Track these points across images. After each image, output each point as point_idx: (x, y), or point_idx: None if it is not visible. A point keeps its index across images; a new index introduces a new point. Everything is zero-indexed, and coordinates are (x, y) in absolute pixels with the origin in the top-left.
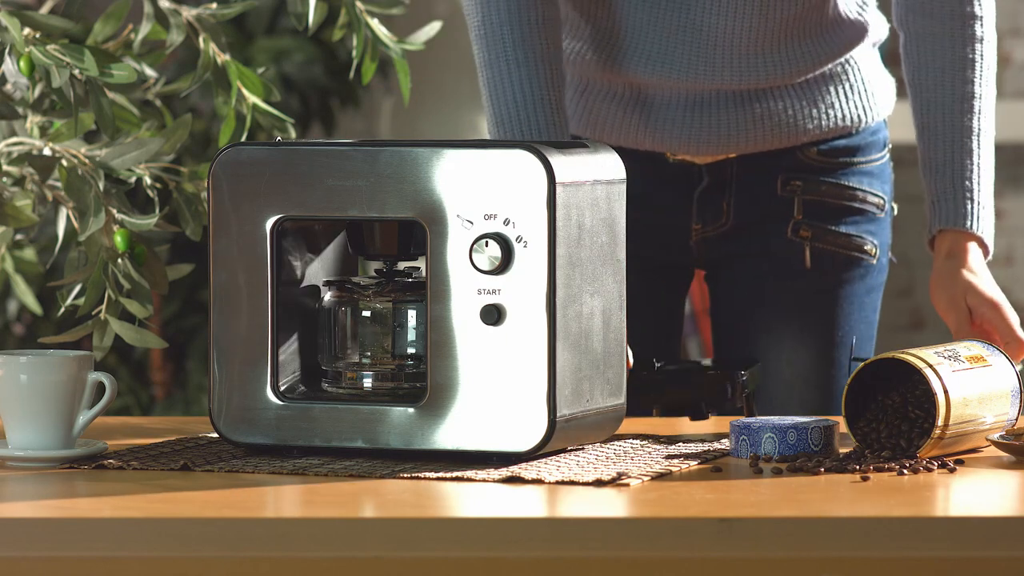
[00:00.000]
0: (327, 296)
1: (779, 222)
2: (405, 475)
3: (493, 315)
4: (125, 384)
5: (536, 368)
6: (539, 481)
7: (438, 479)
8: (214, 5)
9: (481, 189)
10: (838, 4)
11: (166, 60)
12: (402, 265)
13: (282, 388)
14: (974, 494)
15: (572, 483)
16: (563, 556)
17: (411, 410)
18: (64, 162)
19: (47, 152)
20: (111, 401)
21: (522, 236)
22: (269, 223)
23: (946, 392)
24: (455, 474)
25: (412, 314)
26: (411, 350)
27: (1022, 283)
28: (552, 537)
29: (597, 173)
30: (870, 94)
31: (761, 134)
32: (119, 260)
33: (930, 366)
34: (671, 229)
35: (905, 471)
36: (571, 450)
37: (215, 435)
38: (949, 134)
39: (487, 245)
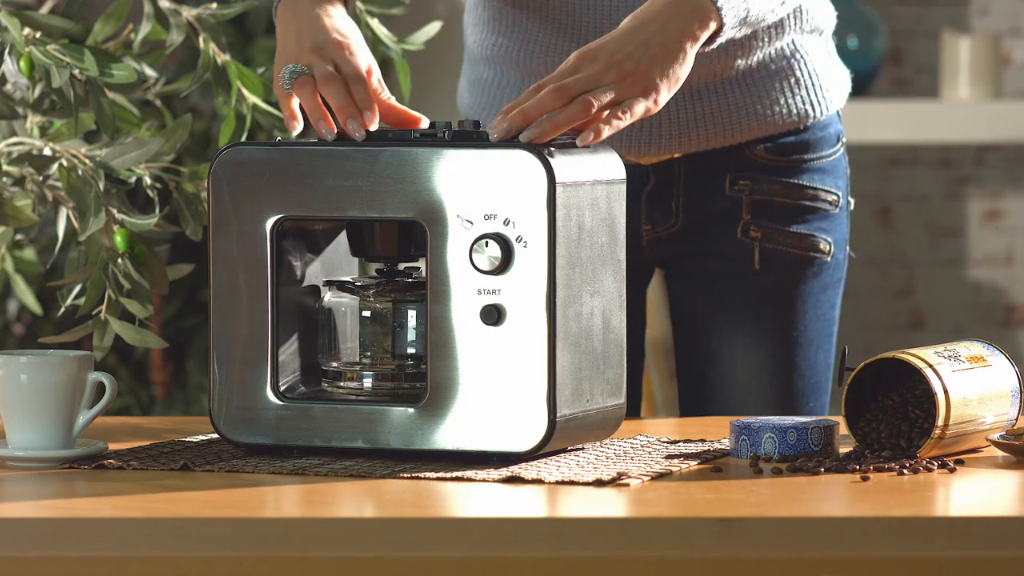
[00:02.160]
0: (327, 296)
1: (728, 223)
2: (405, 475)
3: (493, 315)
4: (125, 384)
5: (536, 368)
6: (539, 481)
7: (438, 479)
8: (214, 5)
9: (481, 189)
10: None
11: (166, 60)
12: (402, 265)
13: (282, 388)
14: (974, 494)
15: (572, 483)
16: (563, 556)
17: (411, 410)
18: (64, 162)
19: (47, 152)
20: (111, 401)
21: (522, 236)
22: (269, 223)
23: (946, 392)
24: (455, 474)
25: (412, 314)
26: (411, 350)
27: (1022, 283)
28: (552, 537)
29: (597, 173)
30: (819, 87)
31: (704, 132)
32: (119, 260)
33: (930, 366)
34: None
35: (905, 471)
36: (571, 450)
37: (215, 435)
38: None
39: (487, 245)
